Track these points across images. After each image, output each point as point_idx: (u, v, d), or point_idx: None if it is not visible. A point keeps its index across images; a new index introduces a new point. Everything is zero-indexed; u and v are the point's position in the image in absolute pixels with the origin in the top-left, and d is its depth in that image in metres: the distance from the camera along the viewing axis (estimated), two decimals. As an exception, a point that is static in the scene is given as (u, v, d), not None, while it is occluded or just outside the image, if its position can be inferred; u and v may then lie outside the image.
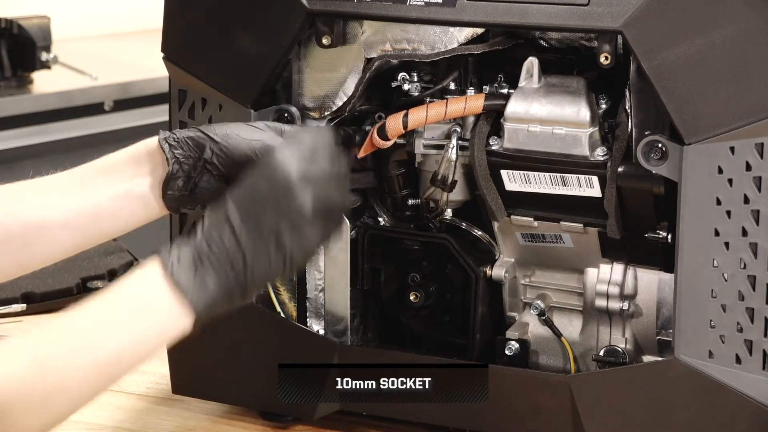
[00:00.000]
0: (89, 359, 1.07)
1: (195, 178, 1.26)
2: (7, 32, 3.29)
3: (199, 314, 1.11)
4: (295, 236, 1.14)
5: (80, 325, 1.08)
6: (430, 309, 1.46)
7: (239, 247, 1.12)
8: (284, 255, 1.14)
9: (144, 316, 1.11)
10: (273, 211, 1.13)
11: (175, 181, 1.26)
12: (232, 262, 1.12)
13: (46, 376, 1.04)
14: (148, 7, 3.76)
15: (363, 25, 1.39)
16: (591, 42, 1.33)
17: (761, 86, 1.21)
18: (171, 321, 1.11)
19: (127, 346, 1.09)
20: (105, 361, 1.08)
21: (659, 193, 1.30)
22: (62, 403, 1.06)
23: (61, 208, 1.25)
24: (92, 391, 1.08)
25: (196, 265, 1.11)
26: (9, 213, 1.23)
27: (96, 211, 1.26)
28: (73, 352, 1.06)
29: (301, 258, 1.16)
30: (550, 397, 1.34)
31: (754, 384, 1.26)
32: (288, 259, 1.14)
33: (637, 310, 1.38)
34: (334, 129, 1.40)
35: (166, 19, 1.43)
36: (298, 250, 1.15)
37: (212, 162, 1.26)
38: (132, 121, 3.45)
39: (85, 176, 1.27)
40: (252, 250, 1.13)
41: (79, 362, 1.06)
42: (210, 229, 1.13)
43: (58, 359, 1.05)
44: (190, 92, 1.43)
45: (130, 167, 1.28)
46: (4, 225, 1.23)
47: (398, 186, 1.45)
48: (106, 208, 1.26)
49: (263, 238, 1.13)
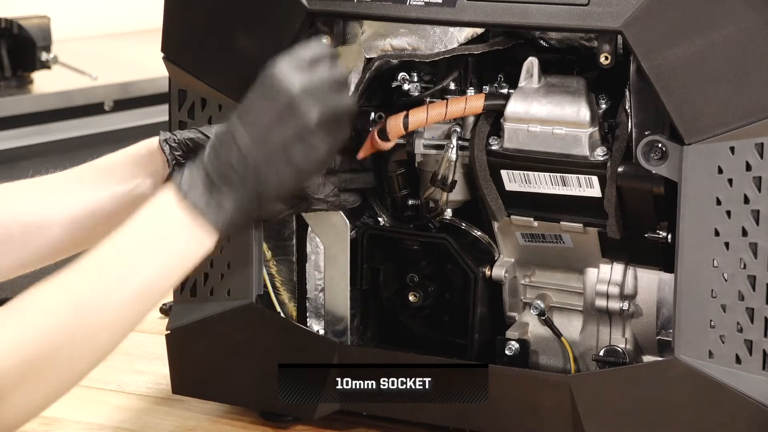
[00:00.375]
0: (122, 295, 1.09)
1: None
2: (7, 32, 3.29)
3: (219, 233, 1.13)
4: (302, 147, 1.15)
5: (107, 262, 1.10)
6: (429, 309, 1.46)
7: (248, 164, 1.14)
8: (294, 167, 1.15)
9: (167, 244, 1.12)
10: (278, 125, 1.15)
11: None
12: (243, 179, 1.14)
13: (84, 318, 1.06)
14: (148, 7, 3.76)
15: (363, 25, 1.39)
16: (591, 42, 1.33)
17: (761, 86, 1.21)
18: (193, 243, 1.13)
19: (156, 275, 1.11)
20: (136, 294, 1.10)
21: (659, 193, 1.30)
22: (104, 340, 1.08)
23: (61, 208, 1.25)
24: (129, 325, 1.10)
25: (209, 186, 1.13)
26: (9, 212, 1.24)
27: (96, 211, 1.26)
28: (106, 290, 1.08)
29: (311, 168, 1.18)
30: (550, 397, 1.34)
31: (754, 384, 1.26)
32: (298, 171, 1.16)
33: (637, 310, 1.38)
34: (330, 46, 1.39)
35: (166, 19, 1.43)
36: (306, 160, 1.16)
37: None
38: (132, 121, 3.45)
39: (86, 176, 1.27)
40: (262, 166, 1.14)
41: (113, 300, 1.08)
42: (219, 150, 1.14)
43: (92, 300, 1.07)
44: (190, 92, 1.43)
45: (131, 167, 1.28)
46: (4, 224, 1.23)
47: (398, 186, 1.45)
48: (106, 207, 1.27)
49: (272, 153, 1.14)
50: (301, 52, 1.18)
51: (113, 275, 1.09)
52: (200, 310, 1.42)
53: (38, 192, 1.25)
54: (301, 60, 1.17)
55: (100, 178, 1.27)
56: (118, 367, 1.61)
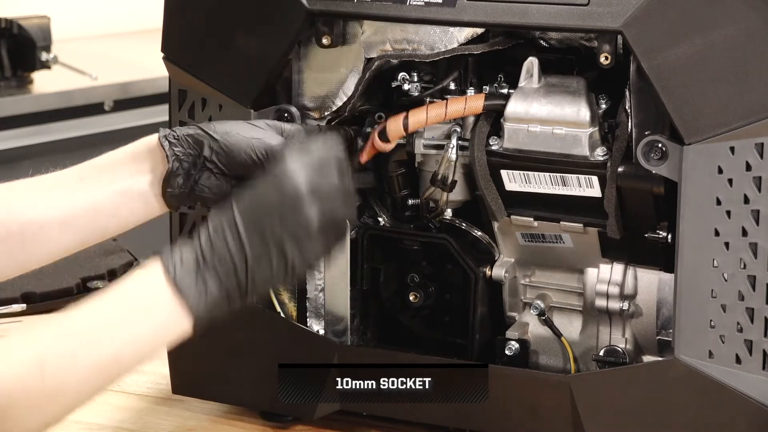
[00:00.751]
0: (89, 360, 1.07)
1: (195, 176, 1.26)
2: (7, 32, 3.29)
3: (199, 318, 1.11)
4: (298, 248, 1.14)
5: (80, 325, 1.08)
6: (429, 309, 1.46)
7: (242, 252, 1.12)
8: (286, 265, 1.14)
9: (144, 318, 1.10)
10: (279, 221, 1.13)
11: (175, 179, 1.26)
12: (235, 267, 1.12)
13: (45, 376, 1.04)
14: (148, 7, 3.76)
15: (363, 25, 1.39)
16: (591, 42, 1.33)
17: (761, 86, 1.21)
18: (171, 323, 1.11)
19: (127, 347, 1.09)
20: (104, 361, 1.08)
21: (659, 193, 1.30)
22: (62, 403, 1.06)
23: (60, 206, 1.25)
24: (91, 391, 1.08)
25: (197, 268, 1.11)
26: (8, 211, 1.23)
27: (96, 209, 1.26)
28: (73, 352, 1.06)
29: (303, 269, 1.16)
30: (550, 397, 1.34)
31: (754, 384, 1.26)
32: (290, 269, 1.14)
33: (637, 310, 1.38)
34: (341, 133, 1.39)
35: (166, 19, 1.43)
36: (300, 261, 1.15)
37: (212, 160, 1.26)
38: (132, 121, 3.45)
39: (85, 174, 1.27)
40: (255, 257, 1.13)
41: (78, 363, 1.06)
42: (214, 233, 1.13)
43: (57, 359, 1.05)
44: (190, 92, 1.43)
45: (130, 165, 1.28)
46: (3, 223, 1.23)
47: (398, 186, 1.45)
48: (106, 205, 1.26)
49: (267, 246, 1.13)
50: (315, 150, 1.17)
51: (84, 339, 1.07)
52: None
53: (37, 191, 1.25)
54: (315, 160, 1.16)
55: (99, 177, 1.26)
56: (118, 367, 1.61)
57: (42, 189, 1.25)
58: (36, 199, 1.24)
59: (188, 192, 1.27)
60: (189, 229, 1.44)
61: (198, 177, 1.26)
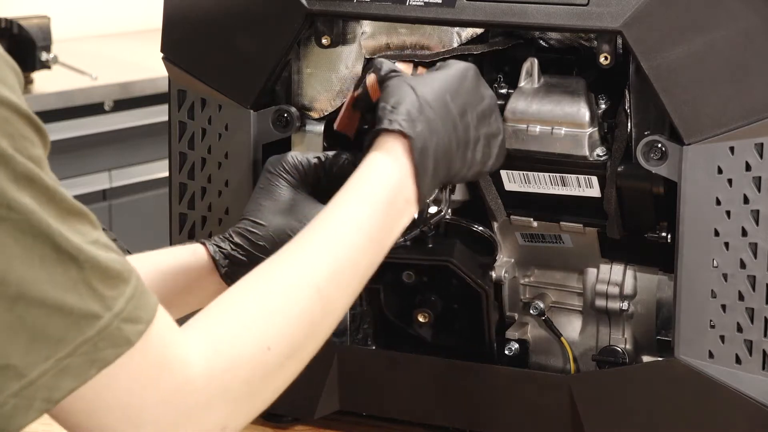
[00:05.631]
0: (354, 280, 1.08)
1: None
2: (7, 32, 3.30)
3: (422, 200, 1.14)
4: (485, 148, 1.21)
5: (339, 245, 1.07)
6: (438, 319, 1.43)
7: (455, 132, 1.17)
8: (476, 159, 1.20)
9: (393, 229, 1.12)
10: (479, 122, 1.21)
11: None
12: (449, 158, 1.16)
13: (327, 305, 1.05)
14: (148, 7, 3.76)
15: (363, 25, 1.39)
16: (591, 42, 1.33)
17: (761, 86, 1.21)
18: (407, 220, 1.14)
19: (378, 258, 1.11)
20: (364, 276, 1.09)
21: (659, 193, 1.30)
22: (335, 322, 1.07)
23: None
24: (350, 304, 1.10)
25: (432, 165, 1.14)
26: None
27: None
28: (343, 276, 1.06)
29: (482, 167, 1.22)
30: (550, 397, 1.34)
31: (754, 384, 1.26)
32: (479, 163, 1.21)
33: (637, 310, 1.38)
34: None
35: (165, 19, 1.43)
36: (482, 160, 1.21)
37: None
38: (132, 121, 3.46)
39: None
40: (460, 144, 1.18)
41: (349, 285, 1.07)
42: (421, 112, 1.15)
43: (333, 287, 1.05)
44: (189, 92, 1.43)
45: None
46: None
47: None
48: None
49: (467, 138, 1.18)
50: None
51: (347, 262, 1.07)
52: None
53: None
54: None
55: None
56: (118, 367, 1.60)
57: None
58: None
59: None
60: (189, 229, 1.44)
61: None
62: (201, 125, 1.43)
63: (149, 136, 3.46)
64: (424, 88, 1.16)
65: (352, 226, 1.09)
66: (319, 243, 1.07)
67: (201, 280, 1.24)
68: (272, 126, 1.41)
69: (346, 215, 1.09)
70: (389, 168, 1.12)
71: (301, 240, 1.08)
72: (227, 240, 1.24)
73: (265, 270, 1.05)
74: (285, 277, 1.04)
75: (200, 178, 1.43)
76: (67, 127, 3.32)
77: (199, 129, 1.43)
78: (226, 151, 1.41)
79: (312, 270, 1.05)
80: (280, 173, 1.27)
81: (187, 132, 1.43)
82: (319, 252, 1.06)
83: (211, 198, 1.43)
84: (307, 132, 1.43)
